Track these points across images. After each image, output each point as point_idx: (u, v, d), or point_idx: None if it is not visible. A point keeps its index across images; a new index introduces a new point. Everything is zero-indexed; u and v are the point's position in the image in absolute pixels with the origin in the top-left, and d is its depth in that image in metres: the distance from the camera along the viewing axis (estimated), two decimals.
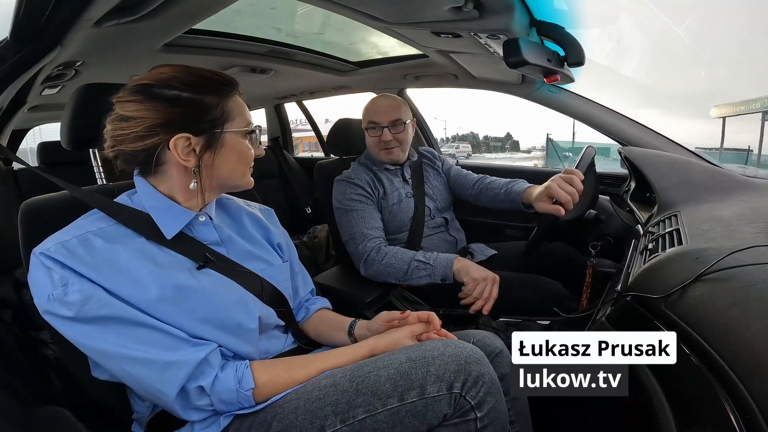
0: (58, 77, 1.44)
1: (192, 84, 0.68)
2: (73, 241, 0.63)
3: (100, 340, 0.61)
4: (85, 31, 0.97)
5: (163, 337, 0.64)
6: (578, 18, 1.09)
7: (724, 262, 0.59)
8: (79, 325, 0.60)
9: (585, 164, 1.18)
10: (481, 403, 0.64)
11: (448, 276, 1.20)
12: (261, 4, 1.31)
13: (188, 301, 0.67)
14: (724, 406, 0.45)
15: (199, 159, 0.69)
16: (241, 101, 0.75)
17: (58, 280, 0.60)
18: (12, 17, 0.78)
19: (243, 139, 0.73)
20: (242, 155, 0.74)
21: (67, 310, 0.60)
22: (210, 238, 0.77)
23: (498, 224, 2.01)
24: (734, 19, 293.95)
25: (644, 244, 0.88)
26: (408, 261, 1.24)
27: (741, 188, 1.06)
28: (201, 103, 0.68)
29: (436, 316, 0.81)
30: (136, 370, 0.62)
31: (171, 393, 0.62)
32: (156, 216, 0.70)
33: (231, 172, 0.74)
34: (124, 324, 0.62)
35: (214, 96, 0.70)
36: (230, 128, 0.71)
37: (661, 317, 0.62)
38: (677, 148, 1.46)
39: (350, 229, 1.34)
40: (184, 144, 0.67)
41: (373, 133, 1.39)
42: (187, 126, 0.67)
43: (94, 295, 0.61)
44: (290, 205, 2.96)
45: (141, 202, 0.71)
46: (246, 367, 0.68)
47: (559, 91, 1.62)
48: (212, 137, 0.70)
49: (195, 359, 0.64)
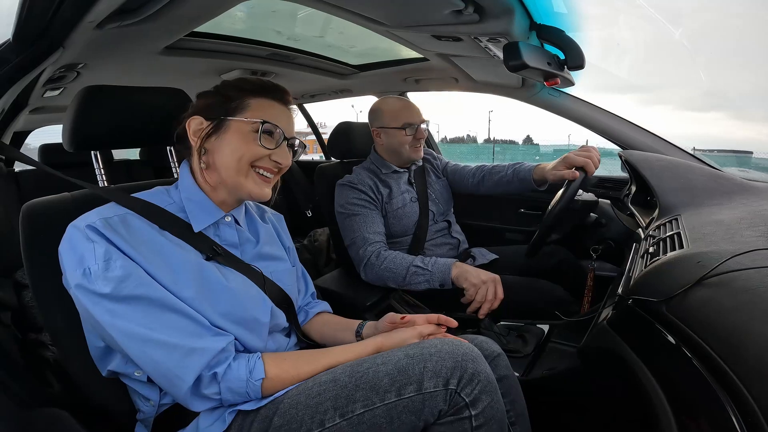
0: (60, 79, 1.44)
1: (229, 85, 0.78)
2: (115, 218, 0.67)
3: (128, 319, 0.62)
4: (88, 33, 0.97)
5: (189, 323, 0.65)
6: (578, 21, 1.10)
7: (725, 265, 0.59)
8: (110, 303, 0.61)
9: (571, 194, 1.18)
10: (476, 401, 0.64)
11: (447, 282, 1.20)
12: (262, 7, 1.32)
13: (213, 293, 0.70)
14: (725, 409, 0.44)
15: (203, 140, 0.74)
16: (275, 106, 0.77)
17: (102, 254, 0.62)
18: (15, 19, 0.78)
19: (249, 131, 0.74)
20: (242, 144, 0.74)
21: (104, 286, 0.61)
22: (230, 239, 0.80)
23: (498, 228, 2.01)
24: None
25: (645, 248, 0.88)
26: (407, 266, 1.24)
27: (742, 192, 1.06)
28: (224, 96, 0.76)
29: (444, 317, 0.83)
30: (158, 353, 0.62)
31: (189, 379, 0.63)
32: (189, 208, 0.75)
33: (226, 159, 0.74)
34: (155, 306, 0.63)
35: (242, 93, 0.76)
36: (237, 117, 0.74)
37: (662, 321, 0.62)
38: (678, 152, 1.46)
39: (352, 233, 1.35)
40: (197, 125, 0.75)
41: (409, 132, 1.41)
42: (204, 111, 0.76)
43: (134, 273, 0.63)
44: (291, 208, 2.96)
45: (178, 194, 0.77)
46: (258, 358, 0.70)
47: (559, 95, 1.62)
48: (220, 123, 0.75)
49: (216, 348, 0.66)
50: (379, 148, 1.49)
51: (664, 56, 33.44)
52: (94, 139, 0.82)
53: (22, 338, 1.19)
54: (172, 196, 0.77)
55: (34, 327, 1.25)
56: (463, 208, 1.72)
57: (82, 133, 0.81)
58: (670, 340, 0.58)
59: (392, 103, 1.46)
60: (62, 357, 0.73)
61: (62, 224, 0.67)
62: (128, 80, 1.63)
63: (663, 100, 31.57)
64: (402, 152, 1.43)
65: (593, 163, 1.20)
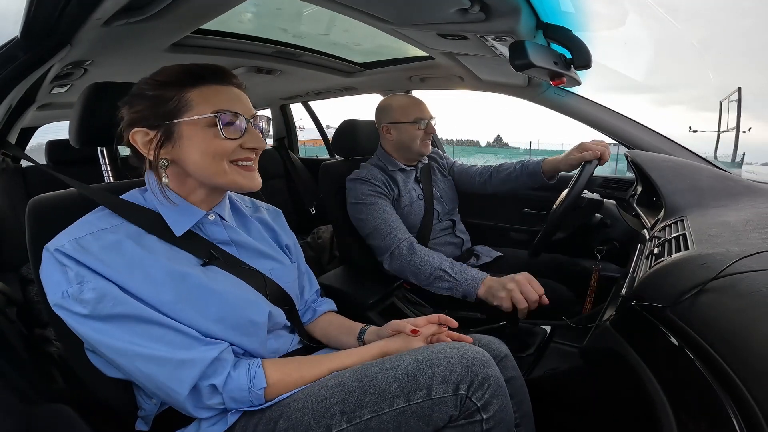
0: (68, 76, 1.45)
1: (159, 81, 0.68)
2: (88, 237, 0.63)
3: (114, 337, 0.61)
4: (95, 30, 0.98)
5: (176, 335, 0.64)
6: (585, 20, 1.09)
7: (731, 268, 0.58)
8: (92, 323, 0.60)
9: (586, 177, 1.19)
10: (487, 405, 0.64)
11: (471, 296, 1.14)
12: (268, 5, 1.32)
13: (200, 300, 0.67)
14: (726, 411, 0.44)
15: (157, 152, 0.68)
16: (220, 90, 0.69)
17: (74, 277, 0.60)
18: (23, 16, 0.79)
19: (204, 128, 0.67)
20: (206, 146, 0.67)
21: (82, 308, 0.60)
22: (219, 236, 0.77)
23: (503, 227, 2.01)
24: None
25: (650, 249, 0.87)
26: (435, 268, 1.20)
27: (749, 193, 1.05)
28: (159, 98, 0.67)
29: (446, 317, 0.82)
30: (149, 368, 0.62)
31: (183, 391, 0.63)
32: (165, 213, 0.71)
33: (197, 166, 0.68)
34: (137, 322, 0.62)
35: (174, 88, 0.67)
36: (183, 118, 0.67)
37: (665, 322, 0.61)
38: (684, 152, 1.45)
39: (373, 221, 1.33)
40: (143, 138, 0.68)
41: (420, 126, 1.42)
42: (145, 120, 0.68)
43: (109, 293, 0.61)
44: (294, 205, 2.97)
45: (152, 198, 0.72)
46: (258, 366, 0.69)
47: (565, 94, 1.61)
48: (168, 129, 0.67)
49: (207, 358, 0.64)
50: (388, 145, 1.49)
51: (677, 55, 32.21)
52: (100, 136, 0.82)
53: (26, 333, 1.20)
54: (148, 201, 0.73)
55: (39, 322, 1.26)
56: (467, 207, 1.72)
57: (88, 129, 0.81)
58: (673, 341, 0.58)
59: (402, 99, 1.47)
60: (67, 353, 0.73)
61: (68, 220, 0.68)
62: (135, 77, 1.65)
63: (676, 101, 30.15)
64: (413, 147, 1.43)
65: (608, 152, 1.27)
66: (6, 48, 0.84)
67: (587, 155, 1.24)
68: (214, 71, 0.70)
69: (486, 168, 1.58)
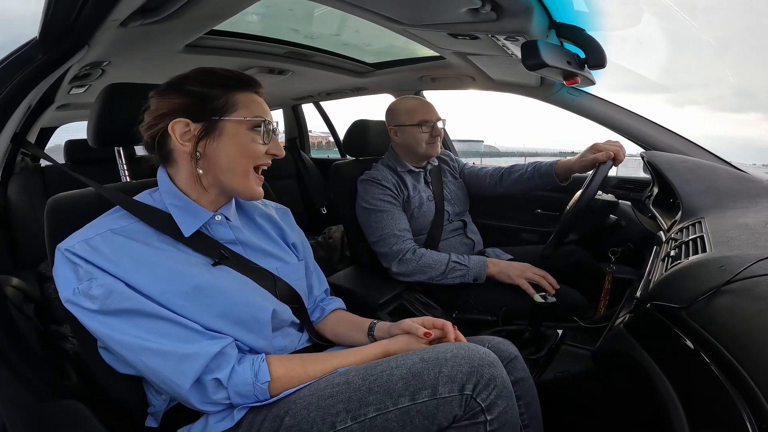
0: (86, 77, 1.48)
1: (204, 80, 0.73)
2: (97, 238, 0.66)
3: (121, 331, 0.63)
4: (112, 31, 1.00)
5: (180, 329, 0.66)
6: (599, 19, 1.07)
7: (748, 270, 0.57)
8: (101, 317, 0.63)
9: (600, 178, 1.17)
10: (492, 406, 0.63)
11: (481, 277, 1.31)
12: (279, 6, 1.33)
13: (205, 298, 0.69)
14: (741, 415, 0.43)
15: (196, 144, 0.71)
16: (257, 99, 0.76)
17: (84, 274, 0.63)
18: (41, 17, 0.80)
19: (246, 131, 0.73)
20: (244, 146, 0.73)
21: (91, 303, 0.62)
22: (226, 236, 0.79)
23: (514, 228, 1.99)
24: None
25: (666, 251, 0.85)
26: (446, 261, 1.31)
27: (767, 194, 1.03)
28: (206, 95, 0.72)
29: (450, 326, 0.81)
30: (154, 361, 0.63)
31: (185, 385, 0.64)
32: (175, 214, 0.73)
33: (230, 163, 0.73)
34: (143, 316, 0.64)
35: (221, 89, 0.72)
36: (231, 117, 0.72)
37: (681, 325, 0.60)
38: (702, 153, 1.42)
39: (381, 230, 1.36)
40: (183, 129, 0.71)
41: (426, 129, 1.42)
42: (188, 113, 0.71)
43: (116, 289, 0.63)
44: (305, 205, 2.98)
45: (162, 199, 0.74)
46: (262, 361, 0.70)
47: (579, 94, 1.59)
48: (211, 124, 0.71)
49: (210, 352, 0.66)
50: (396, 147, 1.50)
51: (694, 54, 31.88)
52: (118, 136, 0.84)
53: (43, 330, 1.22)
54: (157, 202, 0.75)
55: (56, 319, 1.29)
56: (479, 207, 1.71)
57: (105, 129, 0.83)
58: (689, 344, 0.57)
59: (408, 101, 1.48)
60: (82, 349, 0.75)
61: (85, 218, 0.70)
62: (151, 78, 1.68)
63: (693, 101, 30.18)
64: (418, 149, 1.44)
65: (622, 152, 1.24)
66: (25, 49, 0.86)
67: (600, 156, 1.22)
68: (254, 81, 0.76)
69: (497, 169, 1.57)
